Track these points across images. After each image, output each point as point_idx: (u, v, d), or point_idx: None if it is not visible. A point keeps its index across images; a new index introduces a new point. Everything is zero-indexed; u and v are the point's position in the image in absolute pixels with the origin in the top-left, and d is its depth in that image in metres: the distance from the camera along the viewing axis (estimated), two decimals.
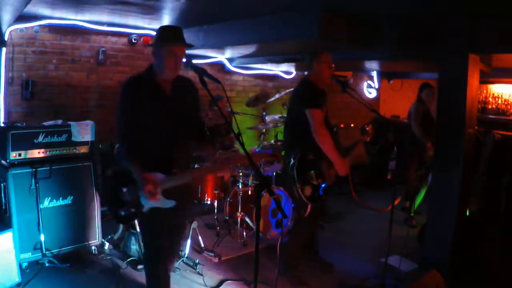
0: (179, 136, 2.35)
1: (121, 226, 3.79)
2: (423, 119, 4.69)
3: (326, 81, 3.23)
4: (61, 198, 3.47)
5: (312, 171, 3.10)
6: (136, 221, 3.05)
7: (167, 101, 2.30)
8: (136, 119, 2.24)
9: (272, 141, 5.08)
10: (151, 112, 2.25)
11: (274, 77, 6.64)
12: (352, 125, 6.78)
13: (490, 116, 6.22)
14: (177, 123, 2.33)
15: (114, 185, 2.31)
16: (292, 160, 3.02)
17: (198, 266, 3.46)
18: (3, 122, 3.87)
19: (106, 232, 3.74)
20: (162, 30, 2.30)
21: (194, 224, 3.71)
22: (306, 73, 3.34)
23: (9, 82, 4.01)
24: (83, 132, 3.55)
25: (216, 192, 4.13)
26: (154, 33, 3.76)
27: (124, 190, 2.26)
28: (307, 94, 3.17)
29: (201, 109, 2.55)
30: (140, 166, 2.20)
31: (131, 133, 2.27)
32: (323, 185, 3.15)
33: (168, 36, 2.26)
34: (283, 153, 2.81)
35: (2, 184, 3.25)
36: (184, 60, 2.25)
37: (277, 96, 5.85)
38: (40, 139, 3.38)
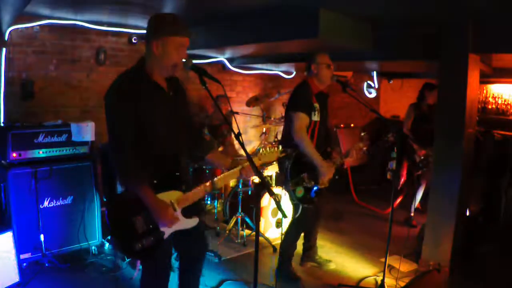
0: (184, 137, 2.22)
1: None
2: (421, 121, 4.68)
3: (326, 82, 3.22)
4: (61, 198, 3.47)
5: (305, 173, 3.10)
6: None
7: (169, 101, 2.11)
8: (141, 128, 1.99)
9: (272, 141, 5.09)
10: (155, 117, 2.04)
11: (274, 77, 6.64)
12: (352, 125, 6.82)
13: (490, 116, 6.21)
14: (181, 124, 2.19)
15: (122, 217, 2.03)
16: (286, 161, 3.03)
17: None
18: (3, 122, 3.87)
19: (106, 232, 3.74)
20: (172, 19, 2.03)
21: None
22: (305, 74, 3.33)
23: (9, 82, 4.01)
24: (83, 132, 3.55)
25: (216, 192, 4.14)
26: None
27: (136, 219, 2.01)
28: (294, 98, 3.22)
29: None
30: (150, 190, 1.98)
31: (135, 147, 1.98)
32: (315, 188, 3.15)
33: (181, 26, 2.03)
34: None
35: (2, 184, 3.25)
36: (184, 60, 2.09)
37: (277, 96, 5.86)
38: (40, 139, 3.38)
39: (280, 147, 2.26)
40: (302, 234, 3.62)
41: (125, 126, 1.96)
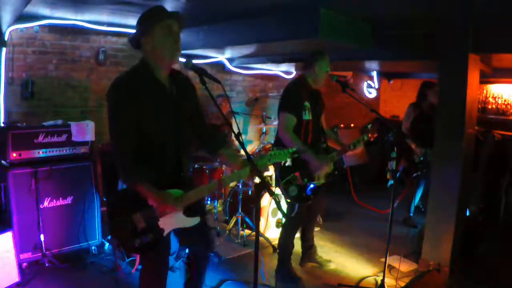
0: (185, 136, 2.19)
1: None
2: (422, 121, 4.65)
3: (320, 84, 3.24)
4: (61, 198, 3.47)
5: (297, 171, 3.08)
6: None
7: (171, 99, 2.09)
8: (141, 125, 1.98)
9: (272, 141, 5.08)
10: (156, 114, 2.02)
11: (274, 77, 6.64)
12: (352, 125, 6.82)
13: (490, 116, 6.22)
14: (182, 122, 2.15)
15: (122, 213, 2.03)
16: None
17: None
18: (3, 122, 3.87)
19: (106, 232, 3.73)
20: (149, 10, 2.05)
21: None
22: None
23: (9, 82, 4.01)
24: (83, 132, 3.55)
25: (216, 192, 4.13)
26: None
27: (135, 217, 2.02)
28: (283, 97, 3.20)
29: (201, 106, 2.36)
30: (151, 185, 1.98)
31: (136, 145, 1.99)
32: (311, 186, 3.14)
33: (161, 11, 2.03)
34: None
35: (2, 184, 3.25)
36: (184, 60, 2.10)
37: (276, 93, 5.87)
38: (40, 139, 3.38)
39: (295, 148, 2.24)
40: (300, 235, 3.63)
41: (126, 123, 1.96)
